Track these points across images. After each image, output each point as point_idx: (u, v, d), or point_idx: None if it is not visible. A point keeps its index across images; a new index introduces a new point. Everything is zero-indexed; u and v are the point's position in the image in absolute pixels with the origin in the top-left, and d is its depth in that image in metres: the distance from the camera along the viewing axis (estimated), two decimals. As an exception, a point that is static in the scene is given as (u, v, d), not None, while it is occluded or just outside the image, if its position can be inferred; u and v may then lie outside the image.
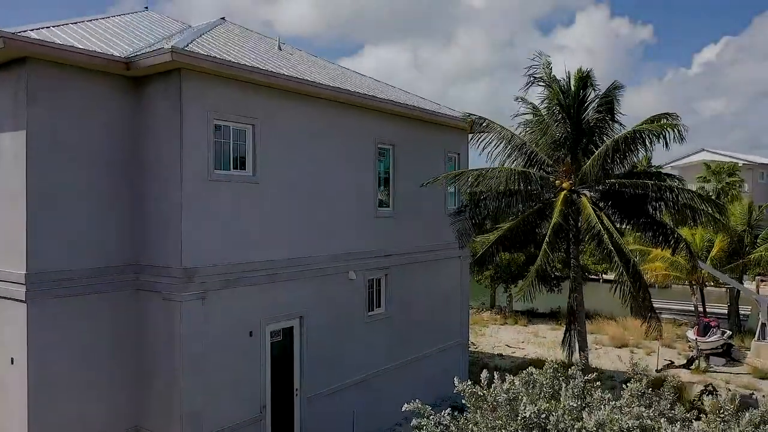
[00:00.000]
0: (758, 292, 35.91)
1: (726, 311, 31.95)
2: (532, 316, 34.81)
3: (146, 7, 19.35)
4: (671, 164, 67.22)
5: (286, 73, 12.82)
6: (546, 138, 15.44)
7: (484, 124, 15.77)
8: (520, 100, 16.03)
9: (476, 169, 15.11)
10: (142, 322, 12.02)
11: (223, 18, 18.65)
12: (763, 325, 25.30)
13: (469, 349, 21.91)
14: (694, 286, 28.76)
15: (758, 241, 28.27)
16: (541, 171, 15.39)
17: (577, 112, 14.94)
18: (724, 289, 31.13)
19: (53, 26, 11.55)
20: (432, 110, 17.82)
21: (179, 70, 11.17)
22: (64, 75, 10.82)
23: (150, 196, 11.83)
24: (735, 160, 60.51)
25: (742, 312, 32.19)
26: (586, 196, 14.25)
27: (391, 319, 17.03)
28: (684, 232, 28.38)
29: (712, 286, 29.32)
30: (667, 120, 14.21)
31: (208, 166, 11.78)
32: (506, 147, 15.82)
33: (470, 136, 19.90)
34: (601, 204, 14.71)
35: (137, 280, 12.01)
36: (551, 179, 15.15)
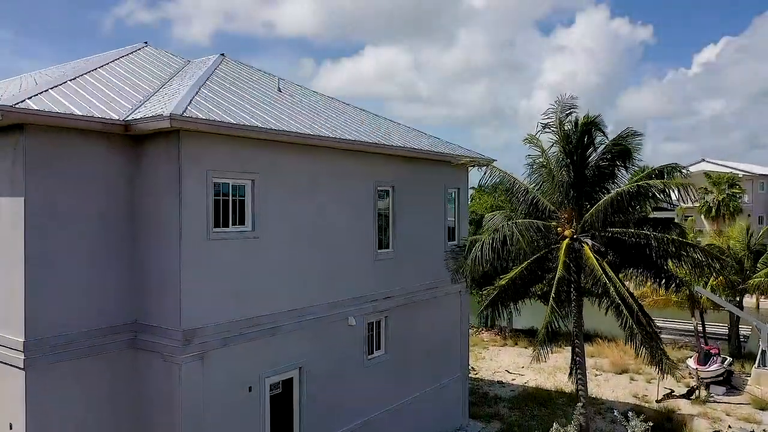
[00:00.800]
0: (758, 308, 35.94)
1: (726, 330, 31.95)
2: (532, 335, 34.73)
3: (146, 42, 19.33)
4: (671, 174, 67.15)
5: (286, 129, 12.76)
6: (550, 184, 15.39)
7: (488, 176, 15.72)
8: (529, 142, 16.00)
9: (482, 234, 15.01)
10: (141, 382, 11.97)
11: (222, 54, 18.64)
12: (764, 352, 25.26)
13: (469, 375, 21.90)
14: (695, 311, 28.72)
15: (758, 265, 28.22)
16: (545, 215, 15.33)
17: (581, 158, 14.88)
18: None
19: (52, 88, 11.47)
20: (431, 150, 17.76)
21: (178, 132, 11.12)
22: (62, 139, 10.77)
23: (149, 256, 11.78)
24: (735, 171, 60.50)
25: (743, 332, 32.15)
26: (587, 244, 14.19)
27: (392, 361, 16.99)
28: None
29: (711, 309, 29.26)
30: (673, 173, 14.21)
31: (207, 225, 11.73)
32: (509, 195, 15.78)
33: (470, 169, 19.92)
34: (604, 250, 14.64)
35: (136, 339, 11.96)
36: (553, 225, 15.08)
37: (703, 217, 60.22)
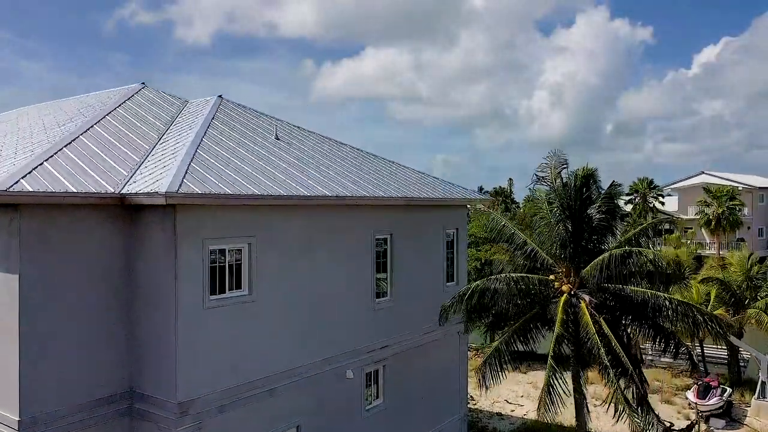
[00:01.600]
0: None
1: (726, 354, 31.85)
2: (531, 359, 34.62)
3: (143, 83, 19.29)
4: (671, 186, 67.17)
5: (283, 194, 12.69)
6: (548, 237, 15.36)
7: (488, 226, 15.68)
8: (530, 191, 15.99)
9: (480, 283, 14.98)
10: (137, 451, 11.90)
11: (220, 96, 18.61)
12: (764, 383, 25.19)
13: (468, 404, 21.83)
14: (694, 341, 28.64)
15: (758, 296, 28.16)
16: (543, 267, 15.30)
17: (579, 211, 14.84)
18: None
19: (47, 160, 11.37)
20: (430, 197, 17.67)
21: (174, 205, 11.05)
22: (57, 213, 10.72)
23: (144, 325, 11.72)
24: (735, 184, 60.46)
25: (744, 355, 32.04)
26: (585, 300, 14.13)
27: (390, 408, 16.92)
28: (680, 288, 28.35)
29: (711, 345, 29.19)
30: (665, 224, 14.16)
31: (203, 294, 11.68)
32: (508, 244, 15.75)
33: (468, 210, 19.85)
34: (601, 305, 14.60)
35: (132, 408, 11.89)
36: (551, 279, 15.03)
37: (703, 229, 60.22)
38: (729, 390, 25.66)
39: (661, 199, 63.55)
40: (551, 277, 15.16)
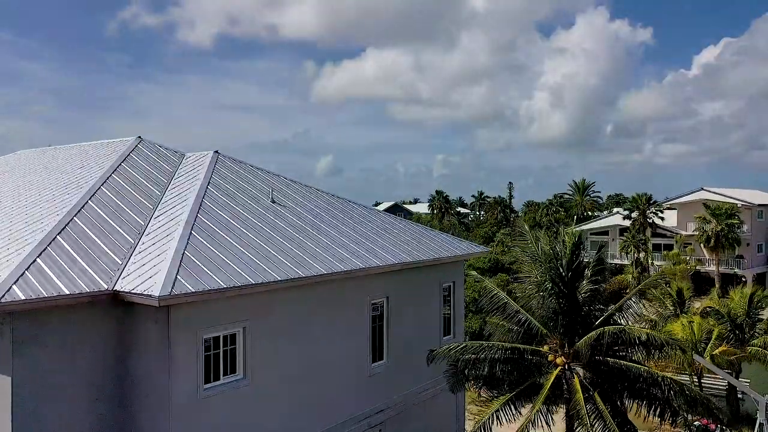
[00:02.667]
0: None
1: (724, 385, 31.82)
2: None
3: (139, 137, 19.30)
4: (671, 202, 67.06)
5: (279, 279, 12.67)
6: (539, 306, 15.37)
7: (485, 297, 15.73)
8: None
9: (476, 343, 15.05)
10: None
11: (216, 152, 18.61)
12: (761, 424, 25.13)
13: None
14: (693, 376, 28.64)
15: (756, 332, 28.14)
16: (538, 337, 15.31)
17: (571, 283, 14.83)
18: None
19: (39, 255, 11.34)
20: (426, 259, 17.61)
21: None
22: (49, 314, 10.69)
23: (139, 420, 11.68)
24: (733, 201, 60.35)
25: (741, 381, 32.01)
26: (579, 375, 14.15)
27: (386, 471, 16.89)
28: (681, 323, 28.36)
29: (709, 375, 29.17)
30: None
31: (197, 384, 11.66)
32: (502, 314, 15.80)
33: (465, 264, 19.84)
34: (594, 378, 14.64)
35: (126, 499, 11.88)
36: (545, 351, 15.04)
37: (702, 246, 60.13)
38: (727, 430, 25.63)
39: (660, 214, 63.38)
40: (545, 348, 15.17)
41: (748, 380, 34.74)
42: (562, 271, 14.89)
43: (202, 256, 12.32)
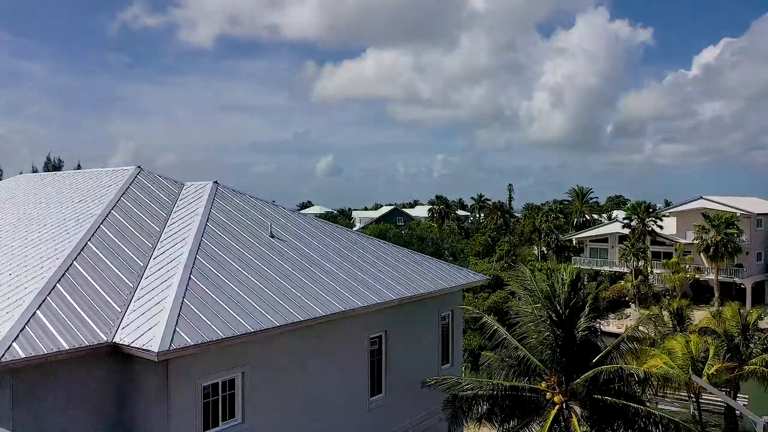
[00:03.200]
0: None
1: (723, 401, 31.89)
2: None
3: (139, 167, 19.39)
4: (669, 210, 67.14)
5: (277, 324, 12.75)
6: (537, 341, 15.46)
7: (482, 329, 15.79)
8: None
9: (474, 380, 15.14)
10: None
11: (215, 182, 18.72)
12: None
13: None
14: (691, 396, 28.73)
15: (753, 351, 28.20)
16: (535, 373, 15.41)
17: (569, 320, 14.93)
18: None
19: (39, 307, 11.41)
20: (424, 293, 17.67)
21: (167, 352, 11.11)
22: (50, 368, 10.77)
23: (138, 467, 11.78)
24: (732, 210, 60.42)
25: (741, 402, 32.08)
26: (576, 414, 14.23)
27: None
28: (678, 341, 28.42)
29: (707, 394, 29.23)
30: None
31: (196, 430, 11.75)
32: (500, 349, 15.90)
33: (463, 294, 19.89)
34: (595, 410, 14.71)
35: None
36: (543, 388, 15.13)
37: (701, 254, 60.23)
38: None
39: (659, 222, 63.46)
40: (542, 385, 15.26)
41: (746, 396, 34.93)
42: (559, 308, 14.99)
43: (200, 303, 12.39)
